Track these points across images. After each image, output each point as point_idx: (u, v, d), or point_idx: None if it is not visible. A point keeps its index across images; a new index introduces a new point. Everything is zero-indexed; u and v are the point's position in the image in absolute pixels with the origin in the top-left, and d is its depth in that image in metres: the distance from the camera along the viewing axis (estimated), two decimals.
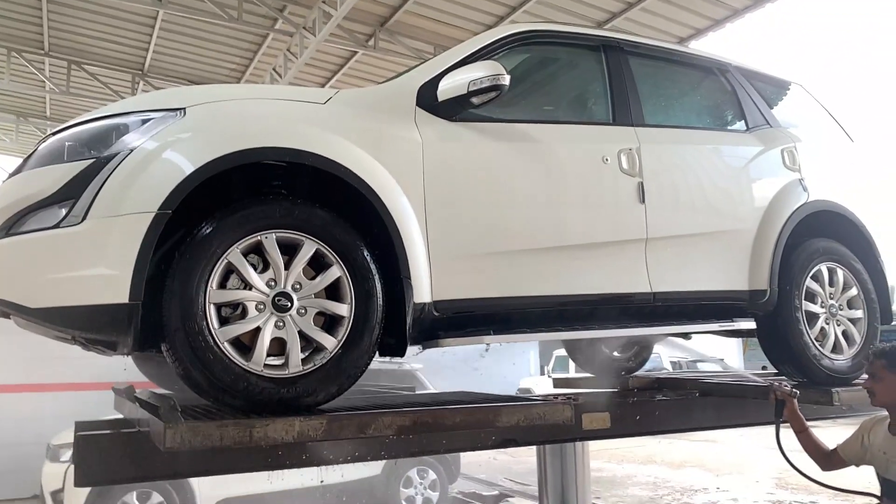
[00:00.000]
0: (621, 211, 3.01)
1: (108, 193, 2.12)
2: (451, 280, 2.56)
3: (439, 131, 2.64)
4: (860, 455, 2.89)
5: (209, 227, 2.19)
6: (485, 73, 2.54)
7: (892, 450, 2.72)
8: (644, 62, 3.40)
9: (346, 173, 2.36)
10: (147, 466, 2.46)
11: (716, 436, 13.05)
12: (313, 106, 2.49)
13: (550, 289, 2.81)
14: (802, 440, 3.00)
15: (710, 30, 9.70)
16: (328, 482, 6.80)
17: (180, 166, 2.16)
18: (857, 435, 2.93)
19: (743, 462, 10.94)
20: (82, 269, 2.09)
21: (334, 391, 2.31)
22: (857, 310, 3.72)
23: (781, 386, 3.03)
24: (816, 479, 3.06)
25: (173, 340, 2.12)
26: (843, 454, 2.96)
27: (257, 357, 2.20)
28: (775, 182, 3.58)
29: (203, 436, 1.95)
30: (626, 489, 9.20)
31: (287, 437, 2.06)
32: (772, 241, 3.43)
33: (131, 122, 2.27)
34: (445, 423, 2.32)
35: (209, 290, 2.16)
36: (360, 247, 2.37)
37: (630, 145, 3.07)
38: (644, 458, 11.51)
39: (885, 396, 2.74)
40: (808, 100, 4.30)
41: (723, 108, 3.77)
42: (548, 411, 2.52)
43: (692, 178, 3.29)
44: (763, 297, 3.39)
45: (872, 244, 3.84)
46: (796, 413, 2.99)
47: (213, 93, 2.50)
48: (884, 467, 2.75)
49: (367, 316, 2.34)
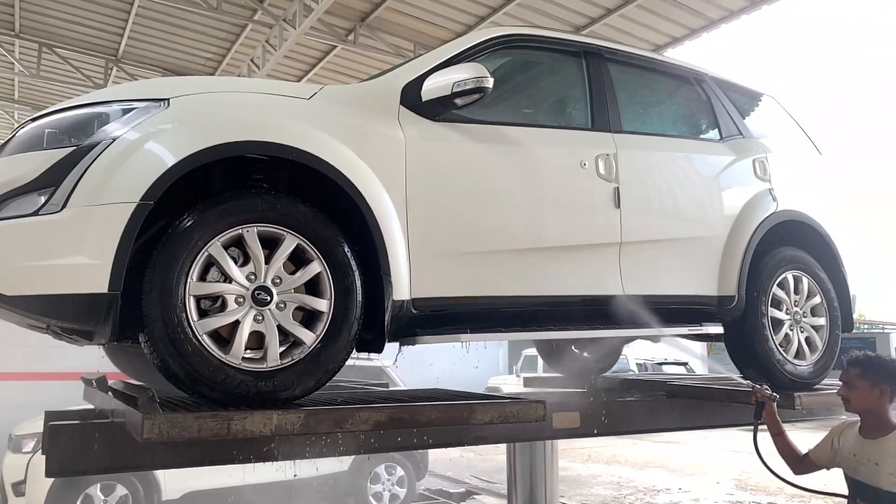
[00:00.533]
0: (597, 215, 3.06)
1: (90, 182, 2.11)
2: (429, 278, 2.59)
3: (422, 130, 2.66)
4: (830, 458, 2.99)
5: (191, 219, 2.18)
6: (469, 75, 2.57)
7: (861, 452, 2.82)
8: (623, 69, 3.47)
9: (330, 169, 2.37)
10: (120, 457, 2.44)
11: (678, 437, 13.32)
12: (298, 101, 2.50)
13: (527, 289, 2.86)
14: (778, 443, 3.09)
15: (686, 38, 9.87)
16: (296, 477, 6.78)
17: (164, 157, 2.16)
18: (828, 439, 3.02)
19: (704, 463, 11.18)
20: (61, 258, 2.07)
21: (312, 386, 2.32)
22: (820, 317, 3.84)
23: (762, 389, 3.12)
24: (788, 480, 3.16)
25: (152, 331, 2.11)
26: (815, 457, 3.06)
27: (236, 350, 2.21)
28: (746, 191, 3.67)
29: (181, 428, 1.95)
30: (591, 488, 9.33)
31: (265, 431, 2.07)
32: (741, 249, 3.52)
33: (114, 111, 2.26)
34: (421, 420, 2.35)
35: (189, 282, 2.16)
36: (341, 243, 2.38)
37: (607, 151, 3.13)
38: (608, 457, 11.68)
39: (859, 403, 2.84)
40: (779, 111, 4.42)
41: (698, 117, 3.86)
42: (521, 409, 2.56)
43: (666, 185, 3.36)
44: (731, 303, 3.48)
45: (836, 254, 3.97)
46: (775, 416, 3.10)
47: (198, 84, 2.50)
48: (853, 469, 2.85)
49: (346, 312, 2.36)
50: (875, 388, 2.78)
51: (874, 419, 2.82)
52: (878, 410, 2.80)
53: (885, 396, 2.79)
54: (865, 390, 2.80)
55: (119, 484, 6.23)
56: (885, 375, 2.80)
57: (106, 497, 6.18)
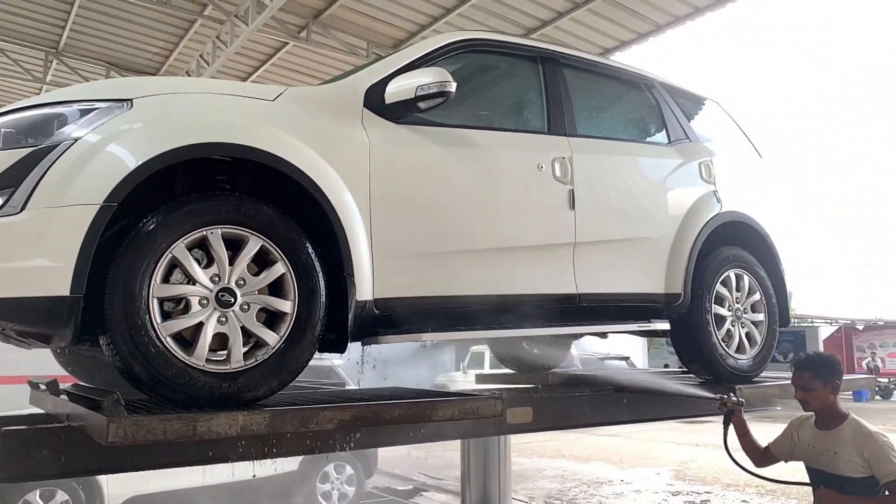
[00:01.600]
0: (553, 216, 3.16)
1: (50, 183, 2.08)
2: (392, 278, 2.64)
3: (385, 133, 2.71)
4: (790, 451, 3.22)
5: (155, 221, 2.18)
6: (432, 80, 2.63)
7: (819, 443, 3.04)
8: (578, 74, 3.58)
9: (294, 171, 2.40)
10: (77, 462, 2.42)
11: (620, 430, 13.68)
12: (262, 102, 2.51)
13: (486, 288, 2.93)
14: (743, 442, 3.32)
15: (633, 42, 10.14)
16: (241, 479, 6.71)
17: (128, 158, 2.15)
18: (787, 433, 3.26)
19: (645, 455, 11.53)
20: (21, 260, 2.04)
21: (275, 386, 2.34)
22: (760, 313, 4.04)
23: (731, 398, 3.33)
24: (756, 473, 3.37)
25: (114, 334, 2.10)
26: (775, 451, 3.29)
27: (199, 352, 2.22)
28: (692, 193, 3.83)
29: (146, 430, 1.95)
30: (536, 482, 9.51)
31: (230, 432, 2.09)
32: (687, 248, 3.68)
33: (75, 111, 2.23)
34: (385, 418, 2.40)
35: (153, 284, 2.16)
36: (305, 244, 2.41)
37: (563, 154, 3.23)
38: (553, 451, 11.92)
39: (817, 403, 3.04)
40: (723, 116, 4.62)
41: (647, 121, 4.01)
42: (480, 406, 2.63)
43: (618, 187, 3.49)
44: (678, 300, 3.63)
45: (775, 253, 4.18)
46: (742, 420, 3.32)
47: (161, 85, 2.48)
48: (813, 459, 3.07)
49: (309, 312, 2.39)
50: (828, 386, 3.01)
51: (829, 412, 3.04)
52: (832, 405, 3.03)
53: (837, 391, 3.03)
54: (820, 390, 3.01)
55: (59, 489, 6.05)
56: (833, 372, 3.04)
57: (46, 503, 6.01)
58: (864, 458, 2.86)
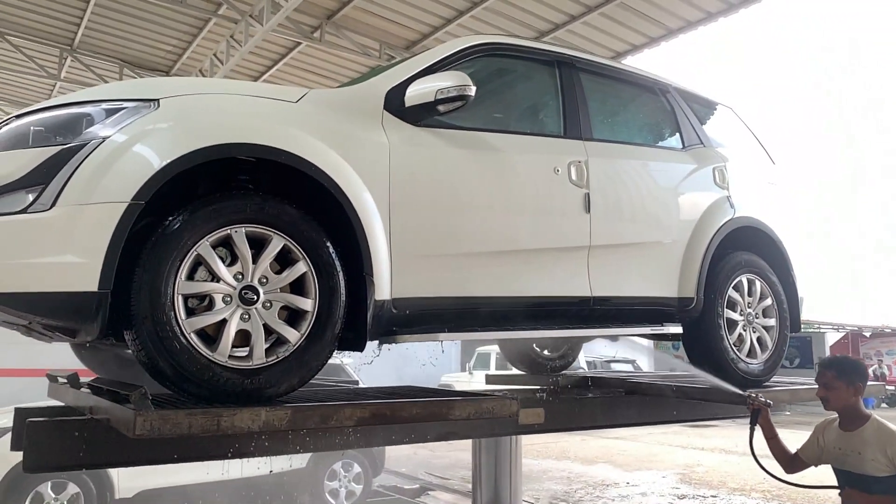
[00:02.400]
0: (569, 219, 3.19)
1: (80, 181, 2.13)
2: (410, 279, 2.68)
3: (405, 135, 2.74)
4: (817, 455, 3.26)
5: (180, 219, 2.22)
6: (452, 83, 2.66)
7: (844, 444, 3.11)
8: (594, 78, 3.60)
9: (317, 172, 2.44)
10: (99, 454, 2.47)
11: (625, 433, 13.71)
12: (286, 104, 2.55)
13: (502, 290, 2.96)
14: (772, 445, 3.34)
15: (645, 47, 10.15)
16: (252, 475, 6.77)
17: (155, 157, 2.19)
18: (813, 437, 3.30)
19: (651, 458, 11.53)
20: (50, 256, 2.08)
21: (296, 383, 2.38)
22: (771, 318, 4.06)
23: (758, 397, 3.34)
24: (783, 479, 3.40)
25: (140, 329, 2.14)
26: (804, 456, 3.33)
27: (222, 348, 2.25)
28: (706, 198, 3.86)
29: (172, 424, 1.99)
30: (542, 483, 9.52)
31: (253, 427, 2.12)
32: (700, 253, 3.70)
33: (103, 110, 2.27)
34: (403, 416, 2.43)
35: (178, 281, 2.20)
36: (326, 244, 2.45)
37: (579, 158, 3.26)
38: (559, 453, 11.93)
39: (837, 402, 3.13)
40: (737, 122, 4.64)
41: (662, 126, 4.03)
42: (496, 406, 2.66)
43: (633, 192, 3.52)
44: (690, 304, 3.66)
45: (787, 258, 4.19)
46: (769, 421, 3.34)
47: (187, 86, 2.52)
48: (840, 461, 3.13)
49: (330, 311, 2.42)
50: (850, 387, 3.09)
51: (852, 413, 3.12)
52: (854, 405, 3.11)
53: (860, 393, 3.11)
54: (842, 390, 3.09)
55: (71, 482, 6.12)
56: (857, 374, 3.12)
57: (57, 495, 6.07)
58: (888, 457, 2.93)
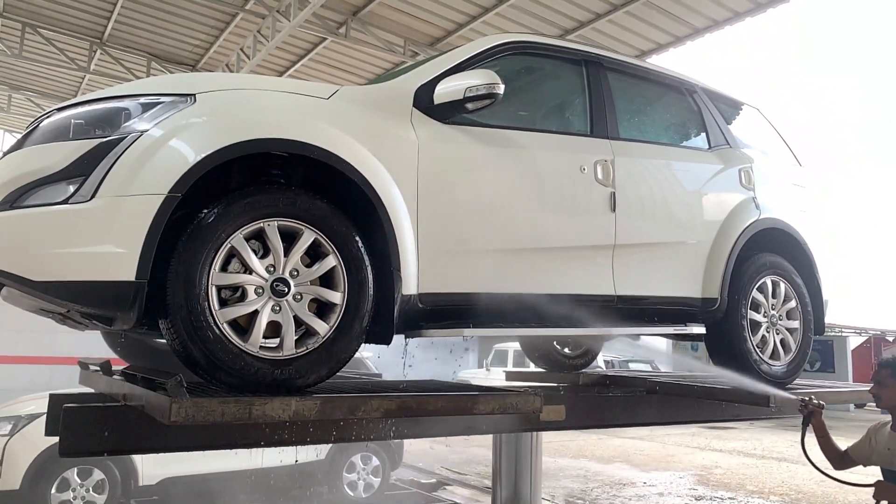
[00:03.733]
0: (594, 218, 3.21)
1: (119, 173, 2.19)
2: (436, 274, 2.71)
3: (434, 132, 2.78)
4: (867, 455, 3.30)
5: (215, 212, 2.27)
6: (481, 81, 2.69)
7: (894, 445, 3.15)
8: (621, 78, 3.61)
9: (347, 167, 2.48)
10: (132, 439, 2.54)
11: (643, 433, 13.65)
12: (318, 101, 2.59)
13: (526, 287, 2.98)
14: (822, 444, 3.40)
15: (670, 46, 10.09)
16: (273, 465, 6.86)
17: (192, 151, 2.24)
18: (865, 438, 3.34)
19: (668, 459, 11.47)
20: (90, 246, 2.15)
21: (324, 374, 2.43)
22: (795, 321, 4.04)
23: (812, 399, 3.38)
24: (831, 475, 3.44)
25: (175, 319, 2.20)
26: (853, 454, 3.37)
27: (254, 339, 2.31)
28: (731, 199, 3.85)
29: (206, 412, 2.04)
30: (559, 481, 9.52)
31: (283, 416, 2.17)
32: (725, 254, 3.69)
33: (140, 104, 2.33)
34: (428, 409, 2.47)
35: (212, 272, 2.25)
36: (355, 238, 2.49)
37: (605, 157, 3.27)
38: (575, 451, 11.92)
39: (889, 400, 3.18)
40: (763, 123, 4.61)
41: (688, 126, 4.02)
42: (520, 401, 2.69)
43: (658, 191, 3.52)
44: (714, 305, 3.65)
45: (812, 261, 4.17)
46: (821, 422, 3.38)
47: (223, 81, 2.57)
48: (889, 461, 3.17)
49: (358, 304, 2.47)
50: None
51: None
52: None
53: None
54: (894, 389, 3.13)
55: (96, 468, 6.24)
56: None
57: (83, 481, 6.19)
58: None
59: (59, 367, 9.03)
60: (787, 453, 11.56)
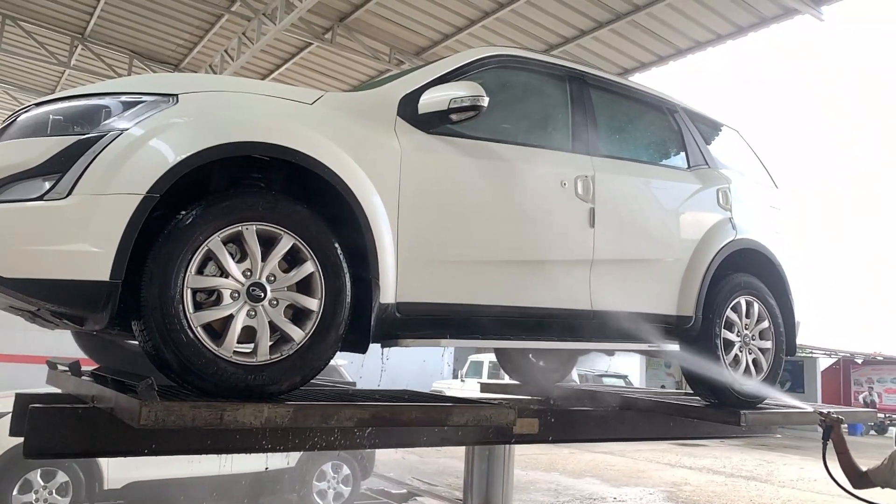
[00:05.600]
0: (573, 233, 3.23)
1: (97, 171, 2.15)
2: (415, 284, 2.71)
3: (417, 142, 2.78)
4: (887, 478, 3.38)
5: (193, 214, 2.25)
6: (466, 93, 2.70)
7: None
8: (604, 95, 3.65)
9: (329, 173, 2.47)
10: (99, 442, 2.50)
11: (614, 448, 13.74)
12: (302, 105, 2.58)
13: (504, 299, 2.99)
14: (842, 460, 3.45)
15: (653, 65, 10.23)
16: (242, 471, 6.78)
17: (172, 152, 2.22)
18: (888, 463, 3.41)
19: (639, 474, 11.55)
20: (64, 244, 2.11)
21: (298, 381, 2.40)
22: (767, 341, 4.09)
23: (830, 414, 3.42)
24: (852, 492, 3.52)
25: (148, 321, 2.17)
26: (872, 476, 3.44)
27: (228, 343, 2.28)
28: (709, 218, 3.89)
29: (177, 416, 2.01)
30: (529, 494, 9.52)
31: (255, 423, 2.15)
32: (701, 273, 3.73)
33: (121, 103, 2.31)
34: (402, 419, 2.46)
35: (188, 275, 2.23)
36: (334, 245, 2.48)
37: (586, 173, 3.30)
38: (547, 465, 11.94)
39: None
40: (742, 144, 4.69)
41: (668, 145, 4.07)
42: (494, 413, 2.69)
43: (637, 209, 3.55)
44: (689, 323, 3.69)
45: (786, 282, 4.23)
46: (841, 437, 3.44)
47: (206, 83, 2.56)
48: None
49: (335, 312, 2.45)
50: None
51: None
52: None
53: None
54: None
55: (60, 471, 6.13)
56: None
57: (46, 483, 6.07)
58: None
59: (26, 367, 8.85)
60: (756, 472, 11.68)
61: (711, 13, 9.01)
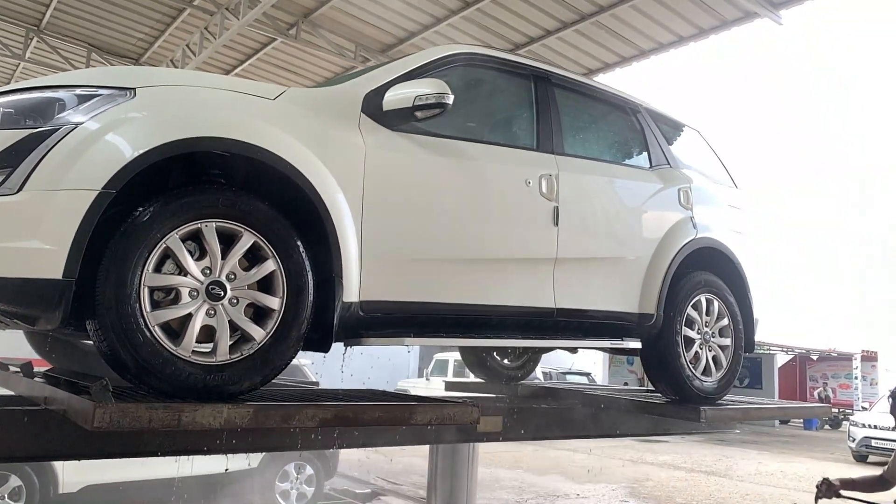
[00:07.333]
0: (537, 231, 3.24)
1: (49, 166, 2.09)
2: (378, 282, 2.69)
3: (381, 139, 2.76)
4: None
5: (151, 211, 2.20)
6: (431, 91, 2.69)
7: None
8: (568, 94, 3.67)
9: (291, 170, 2.43)
10: (51, 445, 2.43)
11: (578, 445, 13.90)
12: (264, 101, 2.54)
13: (468, 297, 2.99)
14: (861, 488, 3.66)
15: (617, 66, 10.36)
16: (202, 473, 6.67)
17: (129, 147, 2.16)
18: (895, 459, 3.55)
19: (602, 471, 11.70)
20: (14, 241, 2.04)
21: (259, 381, 2.36)
22: (727, 338, 4.17)
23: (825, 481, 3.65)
24: None
25: (104, 320, 2.11)
26: (888, 476, 3.60)
27: (186, 343, 2.23)
28: (670, 217, 3.95)
29: (132, 417, 1.96)
30: (494, 492, 9.57)
31: (214, 424, 2.11)
32: (662, 271, 3.79)
33: (76, 96, 2.24)
34: (364, 419, 2.44)
35: (145, 273, 2.17)
36: (296, 243, 2.44)
37: (550, 171, 3.32)
38: (511, 462, 12.02)
39: None
40: (703, 144, 4.77)
41: (631, 145, 4.12)
42: (457, 412, 2.68)
43: (600, 207, 3.59)
44: (650, 321, 3.74)
45: (745, 280, 4.31)
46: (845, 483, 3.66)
47: (165, 76, 2.50)
48: None
49: (297, 311, 2.42)
50: None
51: None
52: None
53: None
54: None
55: (13, 475, 5.94)
56: None
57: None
58: None
59: None
60: (715, 467, 11.93)
61: (674, 15, 9.16)
